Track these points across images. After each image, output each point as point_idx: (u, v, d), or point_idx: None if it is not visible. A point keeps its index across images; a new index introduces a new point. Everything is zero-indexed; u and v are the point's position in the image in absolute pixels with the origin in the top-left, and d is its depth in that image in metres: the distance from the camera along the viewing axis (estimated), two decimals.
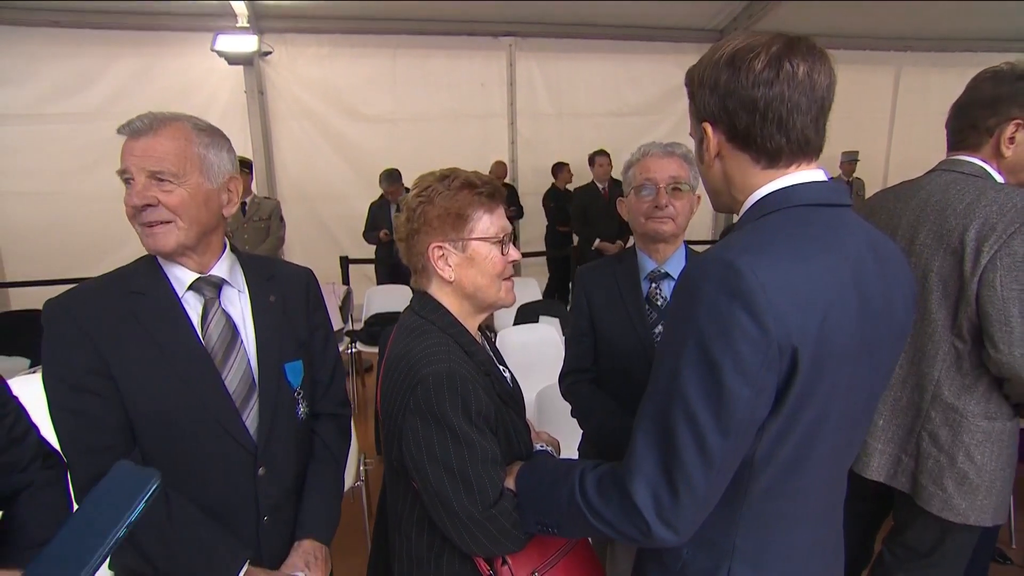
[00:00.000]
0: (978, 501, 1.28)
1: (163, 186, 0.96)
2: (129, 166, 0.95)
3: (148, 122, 0.96)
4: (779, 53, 0.70)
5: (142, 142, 0.95)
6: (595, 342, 1.43)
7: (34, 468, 0.96)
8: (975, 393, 1.28)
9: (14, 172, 4.81)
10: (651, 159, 1.33)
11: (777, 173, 0.75)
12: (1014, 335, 1.15)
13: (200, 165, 0.99)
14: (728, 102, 0.73)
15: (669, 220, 1.30)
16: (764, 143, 0.73)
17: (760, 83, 0.70)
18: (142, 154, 0.95)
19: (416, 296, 1.05)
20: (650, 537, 0.71)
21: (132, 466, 0.65)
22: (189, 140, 0.98)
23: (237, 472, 1.03)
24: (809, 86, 0.70)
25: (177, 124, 0.98)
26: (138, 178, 0.94)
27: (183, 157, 0.97)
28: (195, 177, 0.98)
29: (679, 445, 0.68)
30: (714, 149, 0.78)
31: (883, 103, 6.85)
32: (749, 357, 0.65)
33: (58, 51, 4.75)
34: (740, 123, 0.73)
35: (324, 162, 5.59)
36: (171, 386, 0.97)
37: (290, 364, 1.10)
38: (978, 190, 1.23)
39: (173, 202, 0.96)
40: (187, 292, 1.03)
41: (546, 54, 5.86)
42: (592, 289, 1.42)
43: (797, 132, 0.72)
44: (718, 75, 0.74)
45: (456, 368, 0.90)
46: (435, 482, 0.88)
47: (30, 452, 0.96)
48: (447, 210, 0.97)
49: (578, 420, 1.45)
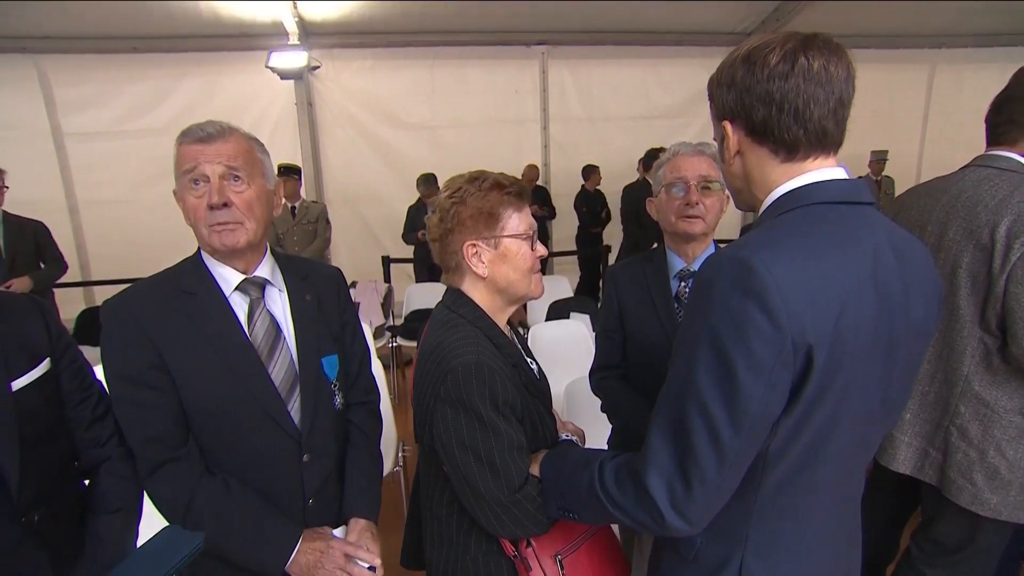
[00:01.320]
0: (1011, 497, 1.21)
1: (235, 185, 0.98)
2: (202, 166, 0.96)
3: (219, 128, 0.99)
4: (794, 48, 0.69)
5: (215, 146, 0.97)
6: (624, 339, 1.41)
7: (112, 444, 1.02)
8: (1007, 388, 1.20)
9: (97, 183, 5.12)
10: (681, 158, 1.30)
11: (796, 168, 0.73)
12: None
13: (262, 168, 1.04)
14: (745, 97, 0.72)
15: (699, 220, 1.27)
16: (782, 135, 0.71)
17: (775, 76, 0.69)
18: (215, 154, 0.97)
19: (448, 292, 1.06)
20: (664, 526, 0.71)
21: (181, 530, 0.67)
22: (251, 146, 1.03)
23: (284, 459, 1.05)
24: (825, 78, 0.68)
25: (238, 132, 1.03)
26: (213, 178, 0.96)
27: (251, 159, 1.01)
28: (259, 179, 1.03)
29: (693, 439, 0.67)
30: (734, 146, 0.76)
31: (916, 102, 6.49)
32: (762, 354, 0.63)
33: (134, 75, 5.03)
34: (758, 116, 0.71)
35: (368, 168, 5.70)
36: (223, 380, 0.99)
37: (327, 358, 1.12)
38: (1012, 186, 1.16)
39: (243, 203, 0.99)
40: (233, 292, 1.04)
41: (577, 61, 5.81)
42: (623, 287, 1.41)
43: (815, 123, 0.70)
44: (734, 72, 0.73)
45: (484, 359, 0.91)
46: (463, 467, 0.90)
47: (109, 429, 1.02)
48: (479, 210, 0.98)
49: (608, 413, 1.44)
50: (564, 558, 0.96)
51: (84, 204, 5.17)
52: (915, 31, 5.90)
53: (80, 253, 5.20)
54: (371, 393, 1.27)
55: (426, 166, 4.92)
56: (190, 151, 0.97)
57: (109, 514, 0.99)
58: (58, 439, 0.97)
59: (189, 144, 0.98)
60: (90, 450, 1.01)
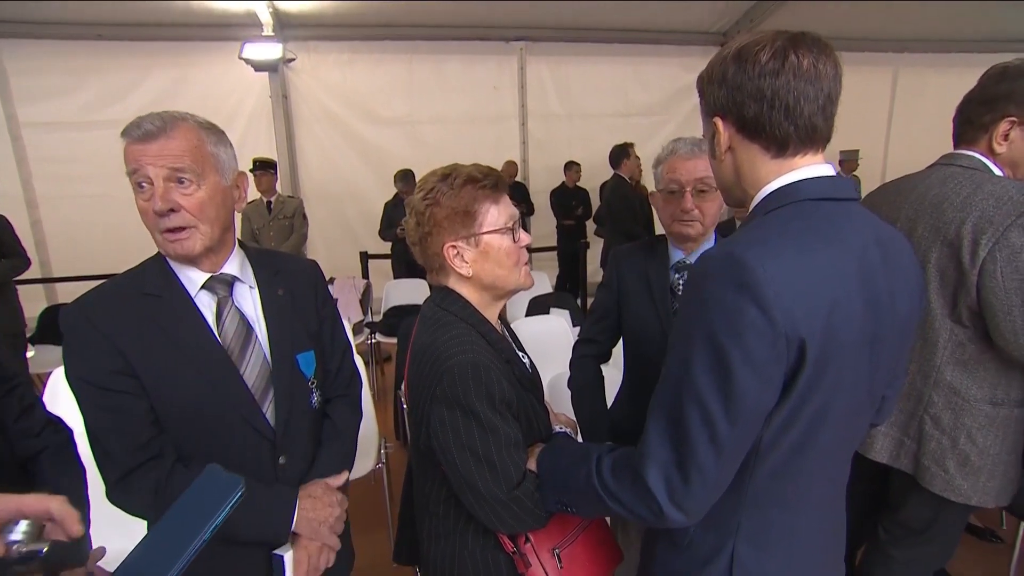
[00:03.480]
0: (981, 483, 1.26)
1: (183, 188, 0.91)
2: (144, 168, 0.88)
3: (160, 124, 0.89)
4: (784, 46, 0.70)
5: (157, 144, 0.88)
6: (617, 321, 1.43)
7: (47, 433, 0.97)
8: (977, 378, 1.25)
9: (59, 177, 4.90)
10: (678, 159, 1.27)
11: (786, 164, 0.74)
12: (1017, 324, 1.14)
13: (215, 163, 0.95)
14: (736, 94, 0.72)
15: (696, 223, 1.26)
16: (773, 131, 0.72)
17: (766, 73, 0.70)
18: (158, 154, 0.88)
19: (436, 289, 1.03)
20: (662, 518, 0.71)
21: (221, 471, 0.64)
22: (201, 139, 0.93)
23: (260, 461, 1.02)
24: (815, 76, 0.70)
25: (186, 124, 0.92)
26: (157, 181, 0.89)
27: (200, 156, 0.92)
28: (212, 176, 0.94)
29: (690, 433, 0.68)
30: (725, 142, 0.77)
31: (881, 104, 6.73)
32: (757, 349, 0.64)
33: (101, 64, 4.82)
34: (749, 113, 0.72)
35: (344, 163, 5.61)
36: (193, 384, 0.94)
37: (302, 355, 1.07)
38: (975, 184, 1.21)
39: (193, 205, 0.91)
40: (200, 291, 0.99)
41: (556, 57, 5.83)
42: (624, 270, 1.41)
43: (804, 120, 0.71)
44: (726, 69, 0.73)
45: (480, 358, 0.89)
46: (462, 466, 0.89)
47: (41, 420, 0.98)
48: (454, 209, 0.94)
49: (572, 396, 1.46)
50: (561, 551, 0.97)
51: (44, 198, 4.94)
52: (881, 35, 6.10)
53: (40, 249, 4.96)
54: (352, 385, 1.23)
55: (404, 162, 4.87)
56: (132, 151, 0.89)
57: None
58: None
59: (131, 143, 0.89)
60: (23, 441, 0.95)
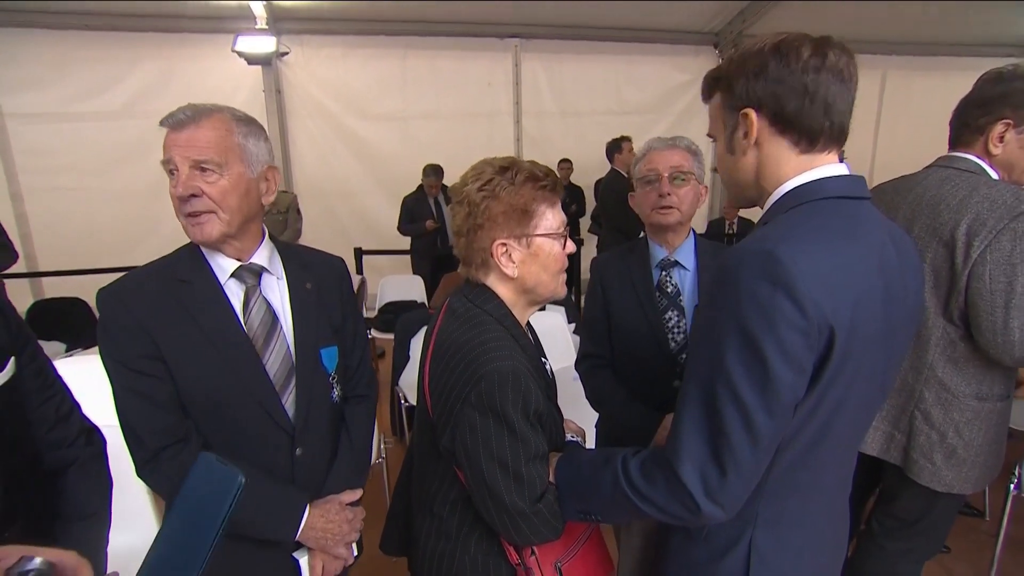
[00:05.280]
0: (964, 472, 1.31)
1: (207, 176, 0.94)
2: (173, 156, 0.94)
3: (191, 114, 0.94)
4: (820, 44, 0.72)
5: (185, 133, 0.93)
6: (609, 327, 1.44)
7: (79, 444, 0.94)
8: (966, 374, 1.29)
9: (46, 169, 4.80)
10: (654, 153, 1.34)
11: (809, 160, 0.76)
12: (997, 325, 1.18)
13: (241, 154, 0.98)
14: (778, 87, 0.73)
15: (673, 210, 1.30)
16: (809, 125, 0.73)
17: (809, 69, 0.71)
18: (186, 144, 0.93)
19: (469, 285, 1.00)
20: (698, 515, 0.71)
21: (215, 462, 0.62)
22: (230, 130, 0.97)
23: (277, 452, 1.03)
24: (847, 76, 0.72)
25: (218, 115, 0.97)
26: (182, 168, 0.93)
27: (225, 147, 0.96)
28: (237, 167, 0.97)
29: (726, 427, 0.69)
30: (754, 135, 0.76)
31: (869, 105, 6.80)
32: (792, 341, 0.66)
33: (86, 54, 4.73)
34: (789, 106, 0.73)
35: (337, 158, 5.57)
36: (216, 370, 0.97)
37: (326, 349, 1.09)
38: (971, 186, 1.24)
39: (215, 192, 0.95)
40: (229, 279, 1.02)
41: (550, 55, 5.82)
42: (607, 277, 1.43)
43: (838, 117, 0.74)
44: (764, 62, 0.73)
45: (519, 365, 0.86)
46: (488, 475, 0.86)
47: (75, 429, 0.94)
48: (512, 206, 0.91)
49: (592, 403, 1.46)
50: (563, 564, 0.96)
51: (30, 191, 4.83)
52: (871, 37, 6.18)
53: (26, 243, 4.85)
54: (372, 386, 1.24)
55: (397, 158, 4.86)
56: (167, 140, 0.95)
57: (83, 519, 0.91)
58: (25, 447, 0.89)
59: (167, 132, 0.95)
60: (56, 451, 0.92)
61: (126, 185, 4.77)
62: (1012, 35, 6.52)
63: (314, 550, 1.07)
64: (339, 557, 1.09)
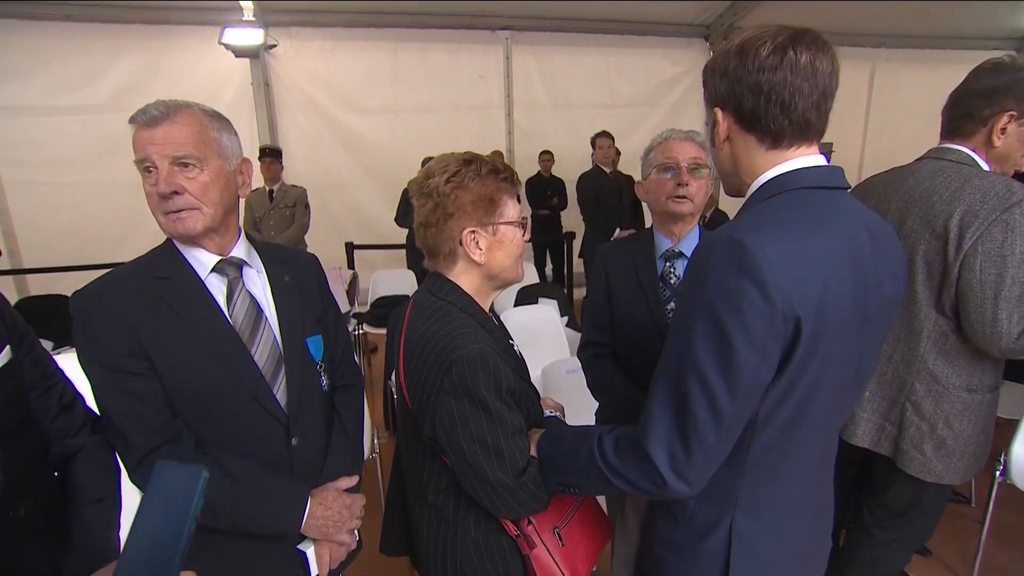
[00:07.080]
0: (952, 463, 1.33)
1: (187, 172, 0.93)
2: (150, 154, 0.92)
3: (164, 110, 0.93)
4: (784, 42, 0.72)
5: (161, 129, 0.92)
6: (612, 316, 1.44)
7: (84, 433, 0.97)
8: (956, 367, 1.30)
9: (28, 163, 4.71)
10: (673, 142, 1.34)
11: (780, 155, 0.77)
12: (986, 316, 1.19)
13: (218, 148, 0.98)
14: (736, 87, 0.75)
15: (688, 200, 1.31)
16: (768, 124, 0.75)
17: (765, 68, 0.73)
18: (162, 141, 0.91)
19: (431, 277, 1.04)
20: (665, 489, 0.74)
21: (173, 464, 0.63)
22: (204, 125, 0.96)
23: (272, 442, 1.03)
24: (811, 72, 0.72)
25: (190, 110, 0.96)
26: (161, 165, 0.92)
27: (203, 141, 0.95)
28: (215, 160, 0.97)
29: (693, 406, 0.71)
30: (724, 132, 0.80)
31: (859, 98, 6.86)
32: (756, 326, 0.68)
33: (69, 45, 4.63)
34: (747, 105, 0.75)
35: (328, 152, 5.52)
36: (205, 365, 0.96)
37: (311, 339, 1.10)
38: (963, 178, 1.25)
39: (197, 188, 0.94)
40: (210, 274, 1.01)
41: (541, 48, 5.80)
42: (611, 266, 1.44)
43: (799, 115, 0.74)
44: (728, 62, 0.76)
45: (486, 348, 0.90)
46: (470, 456, 0.90)
47: (79, 418, 0.97)
48: (480, 195, 0.96)
49: (593, 391, 1.47)
50: (561, 529, 1.02)
51: (11, 185, 4.74)
52: (859, 30, 6.21)
53: (8, 239, 4.78)
54: (356, 376, 1.25)
55: (388, 151, 4.82)
56: (139, 137, 0.93)
57: (93, 504, 0.95)
58: (30, 431, 0.91)
59: (138, 130, 0.93)
60: (62, 440, 0.95)
61: (113, 179, 4.67)
62: (1000, 28, 6.58)
63: (319, 540, 1.07)
64: (342, 543, 1.10)
